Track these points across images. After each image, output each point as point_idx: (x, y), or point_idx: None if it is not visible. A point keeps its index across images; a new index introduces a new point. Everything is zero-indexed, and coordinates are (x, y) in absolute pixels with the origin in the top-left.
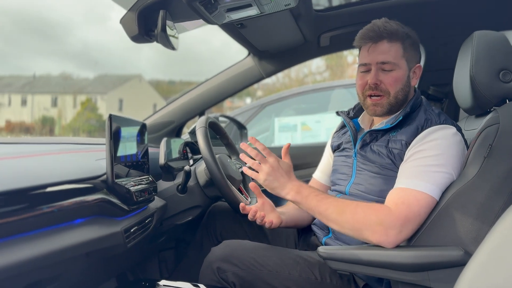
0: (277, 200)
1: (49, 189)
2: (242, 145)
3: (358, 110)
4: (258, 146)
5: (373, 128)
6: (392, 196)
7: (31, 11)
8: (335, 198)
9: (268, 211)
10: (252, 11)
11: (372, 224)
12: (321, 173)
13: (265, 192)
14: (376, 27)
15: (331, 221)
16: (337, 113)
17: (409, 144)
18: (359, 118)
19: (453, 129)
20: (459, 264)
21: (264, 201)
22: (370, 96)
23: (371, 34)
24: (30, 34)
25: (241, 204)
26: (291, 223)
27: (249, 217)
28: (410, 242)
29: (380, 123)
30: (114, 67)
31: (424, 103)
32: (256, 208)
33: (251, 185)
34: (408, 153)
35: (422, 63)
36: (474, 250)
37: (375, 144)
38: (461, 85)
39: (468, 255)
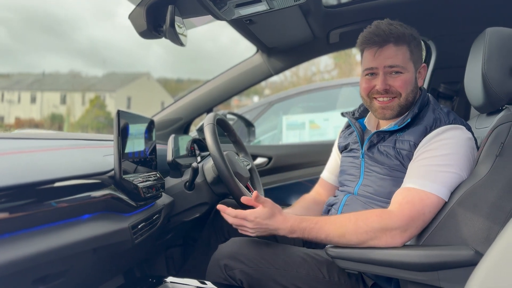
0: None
1: (57, 184)
2: (219, 207)
3: (363, 110)
4: (230, 214)
5: (380, 129)
6: (397, 197)
7: (39, 8)
8: (332, 220)
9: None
10: (261, 7)
11: (375, 231)
12: (329, 173)
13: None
14: (381, 31)
15: (337, 243)
16: (342, 114)
17: (418, 144)
18: (365, 120)
19: (463, 129)
20: (470, 264)
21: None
22: (377, 98)
23: (376, 38)
24: (39, 31)
25: (243, 198)
26: None
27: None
28: (420, 241)
29: (388, 125)
30: (122, 65)
31: (432, 101)
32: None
33: (243, 199)
34: (416, 153)
35: (432, 61)
36: (485, 250)
37: (382, 145)
38: (473, 82)
39: (478, 255)
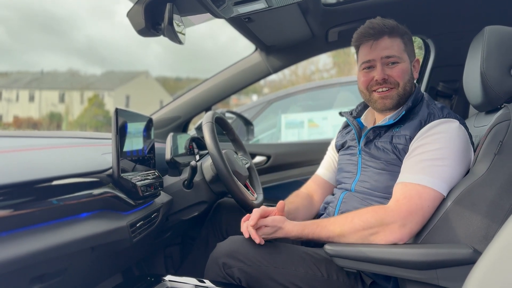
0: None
1: (55, 182)
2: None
3: (360, 109)
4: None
5: (376, 124)
6: (395, 194)
7: (38, 6)
8: (332, 221)
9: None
10: (259, 5)
11: (373, 227)
12: (324, 170)
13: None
14: (375, 24)
15: (340, 242)
16: (340, 113)
17: (413, 138)
18: (362, 117)
19: (456, 123)
20: (468, 262)
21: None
22: (376, 90)
23: (372, 31)
24: (37, 29)
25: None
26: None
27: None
28: (419, 239)
29: (383, 119)
30: (121, 63)
31: (426, 97)
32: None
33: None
34: (411, 147)
35: (431, 59)
36: (484, 248)
37: (379, 141)
38: (471, 81)
39: (477, 253)
